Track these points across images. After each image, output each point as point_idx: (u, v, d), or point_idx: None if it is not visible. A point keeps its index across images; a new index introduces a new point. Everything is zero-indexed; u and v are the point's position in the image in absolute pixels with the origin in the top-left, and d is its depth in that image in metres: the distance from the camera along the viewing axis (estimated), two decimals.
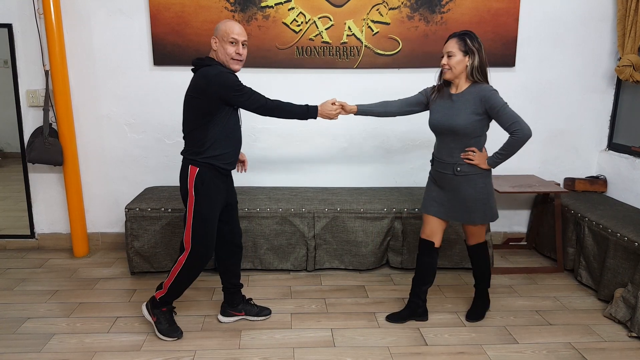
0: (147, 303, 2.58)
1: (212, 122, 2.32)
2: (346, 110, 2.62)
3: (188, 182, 2.36)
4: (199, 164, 2.35)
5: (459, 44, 2.39)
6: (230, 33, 2.31)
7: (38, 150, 3.33)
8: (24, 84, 3.45)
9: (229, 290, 2.69)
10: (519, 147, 2.39)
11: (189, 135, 2.38)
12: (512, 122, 2.35)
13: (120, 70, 3.48)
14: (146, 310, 2.57)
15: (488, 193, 2.52)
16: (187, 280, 2.47)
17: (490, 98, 2.37)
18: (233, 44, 2.32)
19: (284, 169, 3.68)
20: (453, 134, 2.45)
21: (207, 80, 2.27)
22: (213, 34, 2.37)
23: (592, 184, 3.69)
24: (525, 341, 2.56)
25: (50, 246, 3.73)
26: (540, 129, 3.73)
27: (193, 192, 2.36)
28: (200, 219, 2.38)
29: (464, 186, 2.49)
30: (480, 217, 2.55)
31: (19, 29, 3.36)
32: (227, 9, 3.37)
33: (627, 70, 3.34)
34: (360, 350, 2.46)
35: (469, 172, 2.47)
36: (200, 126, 2.33)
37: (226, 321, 2.70)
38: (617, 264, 2.86)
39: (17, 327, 2.62)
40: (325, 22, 3.44)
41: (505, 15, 3.49)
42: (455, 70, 2.42)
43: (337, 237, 3.29)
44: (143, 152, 3.62)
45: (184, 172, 2.40)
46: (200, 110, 2.31)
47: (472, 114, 2.40)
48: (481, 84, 2.42)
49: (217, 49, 2.35)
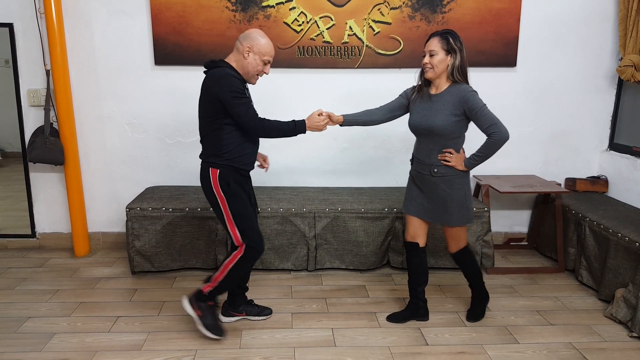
0: (191, 297, 2.50)
1: (226, 124, 2.30)
2: (333, 121, 2.54)
3: (212, 184, 2.35)
4: (219, 165, 2.34)
5: (441, 42, 2.36)
6: (269, 53, 2.32)
7: (39, 150, 3.33)
8: (25, 83, 3.45)
9: (234, 291, 2.68)
10: (496, 150, 2.36)
11: (206, 139, 2.38)
12: (490, 124, 2.31)
13: (121, 69, 3.48)
14: (188, 304, 2.49)
15: (465, 195, 2.49)
16: (237, 275, 2.46)
17: (470, 99, 2.32)
18: (266, 63, 2.34)
19: (285, 168, 3.68)
20: (431, 135, 2.43)
21: (212, 80, 2.27)
22: (244, 40, 2.30)
23: (593, 184, 3.68)
24: (526, 341, 2.56)
25: (51, 246, 3.73)
26: (541, 129, 3.73)
27: (221, 193, 2.35)
28: (239, 216, 2.38)
29: (441, 187, 2.47)
30: (457, 219, 2.51)
31: (20, 29, 3.36)
32: (228, 9, 3.38)
33: (628, 71, 3.33)
34: (361, 350, 2.46)
35: (446, 174, 2.45)
36: (215, 129, 2.32)
37: (227, 321, 2.70)
38: (618, 264, 2.86)
39: (18, 327, 2.62)
40: (326, 22, 3.44)
41: (507, 16, 3.48)
42: (437, 70, 2.38)
43: (338, 237, 3.29)
44: (144, 151, 3.62)
45: (205, 176, 2.38)
46: (212, 112, 2.30)
47: (450, 115, 2.36)
48: (461, 85, 2.38)
49: (247, 58, 2.30)
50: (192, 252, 3.27)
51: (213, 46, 3.41)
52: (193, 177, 3.67)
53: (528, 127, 3.72)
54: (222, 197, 2.36)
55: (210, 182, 2.36)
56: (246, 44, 2.30)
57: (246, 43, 2.30)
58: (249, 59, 2.31)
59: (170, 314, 2.78)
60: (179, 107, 3.55)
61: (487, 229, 3.31)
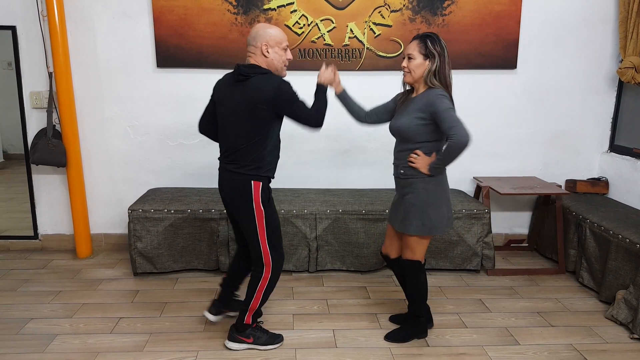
0: (232, 336, 2.44)
1: (271, 132, 2.24)
2: (335, 81, 2.44)
3: (253, 198, 2.25)
4: (261, 178, 2.26)
5: (419, 46, 2.24)
6: (284, 38, 2.26)
7: (42, 152, 3.34)
8: (28, 85, 3.47)
9: (231, 289, 2.64)
10: (455, 153, 2.17)
11: (244, 150, 2.23)
12: (451, 126, 2.14)
13: (124, 72, 3.50)
14: (234, 342, 2.44)
15: (427, 202, 2.31)
16: (273, 287, 2.41)
17: (435, 102, 2.19)
18: (286, 50, 2.29)
19: (286, 170, 3.69)
20: (399, 136, 2.37)
21: (266, 89, 2.17)
22: (256, 41, 2.23)
23: (594, 186, 3.69)
24: (526, 342, 2.56)
25: (54, 247, 3.75)
26: (541, 130, 3.74)
27: (262, 207, 2.27)
28: (272, 230, 2.32)
29: (406, 190, 2.36)
30: (416, 227, 2.32)
31: (23, 31, 3.38)
32: (229, 12, 3.39)
33: (628, 72, 3.34)
34: (362, 351, 2.46)
35: (410, 176, 2.32)
36: (261, 138, 2.22)
37: (215, 320, 2.63)
38: (619, 266, 2.87)
39: (21, 328, 2.64)
40: (327, 25, 3.46)
41: (507, 18, 3.49)
42: (415, 74, 2.27)
43: (339, 238, 3.30)
44: (146, 153, 3.63)
45: (245, 189, 2.25)
46: (260, 121, 2.20)
47: (415, 117, 2.25)
48: (434, 89, 2.25)
49: (271, 56, 2.23)
50: (193, 253, 3.28)
51: (215, 49, 3.43)
52: (195, 178, 3.69)
53: (528, 129, 3.73)
54: (261, 212, 2.27)
55: (251, 196, 2.25)
56: (261, 42, 2.22)
57: (260, 42, 2.22)
58: (271, 54, 2.23)
59: (172, 315, 2.79)
60: (181, 109, 3.56)
61: (487, 231, 3.31)
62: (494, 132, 3.73)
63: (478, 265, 3.35)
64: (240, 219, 2.33)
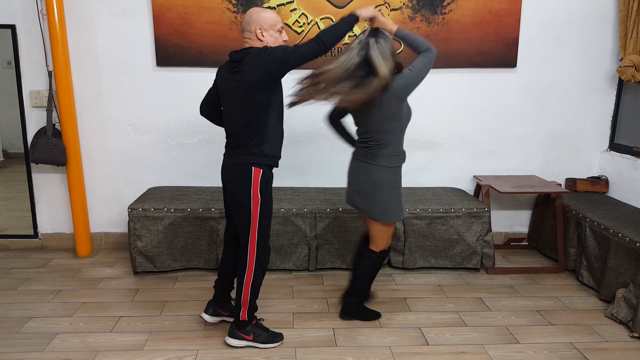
0: (232, 332, 2.45)
1: (270, 109, 2.23)
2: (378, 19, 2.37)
3: (252, 185, 2.25)
4: (262, 165, 2.27)
5: None
6: (278, 20, 2.25)
7: (41, 151, 3.34)
8: (28, 84, 3.47)
9: (224, 289, 2.64)
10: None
11: (245, 132, 2.24)
12: None
13: (123, 71, 3.49)
14: (234, 338, 2.44)
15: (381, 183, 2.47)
16: (259, 285, 2.41)
17: None
18: (281, 32, 2.29)
19: (286, 169, 3.69)
20: None
21: (255, 60, 2.17)
22: (250, 25, 2.23)
23: (594, 185, 3.69)
24: (526, 341, 2.56)
25: (54, 246, 3.75)
26: (541, 129, 3.74)
27: (259, 195, 2.27)
28: (264, 218, 2.32)
29: None
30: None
31: (23, 30, 3.38)
32: (229, 10, 3.39)
33: (628, 71, 3.34)
34: (362, 350, 2.46)
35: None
36: (262, 109, 2.22)
37: (212, 321, 2.64)
38: (619, 265, 2.87)
39: (20, 327, 2.64)
40: (327, 23, 3.45)
41: (507, 16, 3.49)
42: None
43: (339, 237, 3.30)
44: (146, 152, 3.63)
45: (245, 175, 2.26)
46: (260, 95, 2.20)
47: None
48: None
49: (266, 39, 2.23)
50: (193, 252, 3.28)
51: (214, 47, 3.42)
52: (195, 177, 3.69)
53: (528, 128, 3.73)
54: (257, 199, 2.27)
55: (250, 182, 2.25)
56: (255, 26, 2.22)
57: (255, 26, 2.22)
58: (267, 38, 2.23)
59: (172, 314, 2.79)
60: (181, 108, 3.56)
61: (487, 229, 3.31)
62: (494, 130, 3.73)
63: (478, 264, 3.35)
64: (235, 205, 2.34)
